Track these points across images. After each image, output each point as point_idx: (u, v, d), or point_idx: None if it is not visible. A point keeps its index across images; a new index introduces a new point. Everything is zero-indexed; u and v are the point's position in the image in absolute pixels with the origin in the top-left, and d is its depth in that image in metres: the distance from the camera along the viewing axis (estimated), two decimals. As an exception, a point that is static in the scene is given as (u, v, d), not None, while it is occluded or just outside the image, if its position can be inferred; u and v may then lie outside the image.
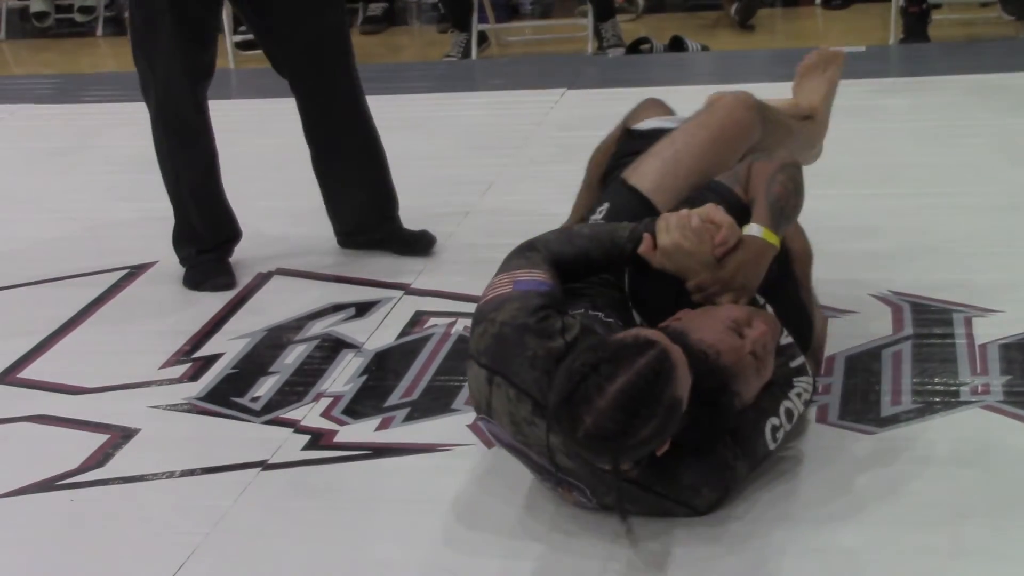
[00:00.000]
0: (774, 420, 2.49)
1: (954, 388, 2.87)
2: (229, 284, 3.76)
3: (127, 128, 5.62)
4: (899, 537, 2.39)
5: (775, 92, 5.36)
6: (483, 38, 6.69)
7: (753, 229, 2.55)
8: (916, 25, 6.03)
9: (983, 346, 3.04)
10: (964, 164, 4.28)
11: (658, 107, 3.25)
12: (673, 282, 2.52)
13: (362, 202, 3.91)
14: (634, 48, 6.51)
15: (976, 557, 2.34)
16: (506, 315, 2.46)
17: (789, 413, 2.52)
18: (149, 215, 4.42)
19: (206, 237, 3.82)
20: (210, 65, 3.72)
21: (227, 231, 3.87)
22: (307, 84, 3.75)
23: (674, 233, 2.50)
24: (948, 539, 2.38)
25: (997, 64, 5.49)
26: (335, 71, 3.74)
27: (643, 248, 2.53)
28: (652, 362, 2.23)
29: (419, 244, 3.90)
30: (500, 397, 2.44)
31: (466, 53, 6.57)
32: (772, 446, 2.50)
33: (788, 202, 2.62)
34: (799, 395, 2.54)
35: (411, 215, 3.96)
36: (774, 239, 2.56)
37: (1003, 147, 4.44)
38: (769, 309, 2.57)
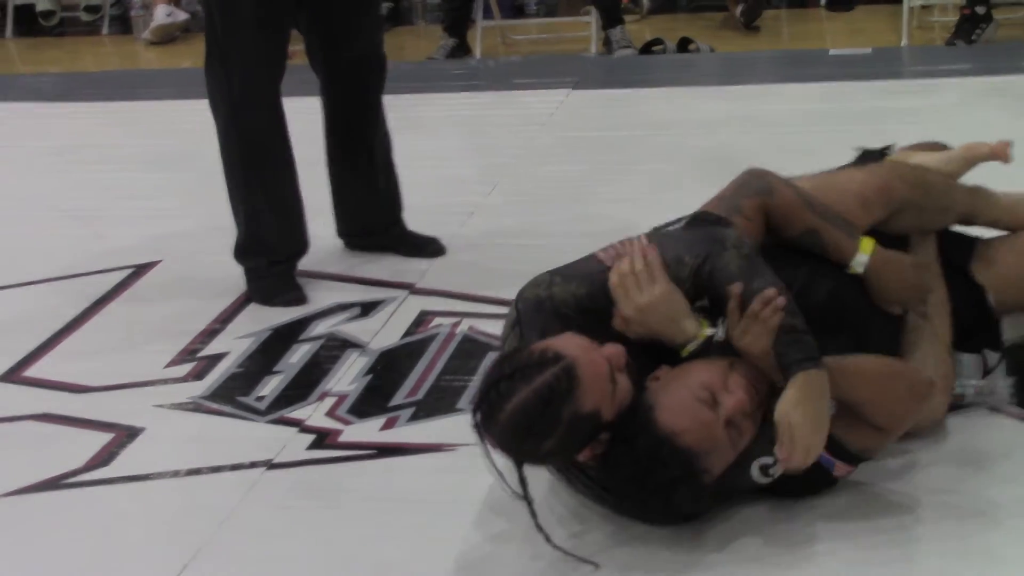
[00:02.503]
0: (765, 459, 2.37)
1: (957, 389, 2.85)
2: (301, 299, 3.64)
3: (131, 127, 5.64)
4: (900, 538, 2.39)
5: (780, 92, 5.40)
6: (466, 49, 6.68)
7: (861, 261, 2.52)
8: (964, 26, 6.00)
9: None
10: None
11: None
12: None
13: (371, 205, 3.88)
14: (647, 49, 6.50)
15: (977, 558, 2.33)
16: (561, 292, 2.44)
17: None
18: (153, 214, 4.44)
19: (279, 248, 3.71)
20: (284, 62, 3.64)
21: (301, 243, 3.75)
22: (343, 88, 3.73)
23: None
24: (950, 540, 2.37)
25: (1006, 66, 5.48)
26: (373, 82, 3.76)
27: (617, 325, 2.41)
28: (550, 380, 2.24)
29: (428, 249, 3.88)
30: (511, 344, 2.47)
31: (450, 56, 6.58)
32: (762, 481, 2.40)
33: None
34: None
35: (416, 215, 3.95)
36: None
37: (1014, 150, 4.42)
38: None
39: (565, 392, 2.23)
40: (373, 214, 3.91)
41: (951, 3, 6.37)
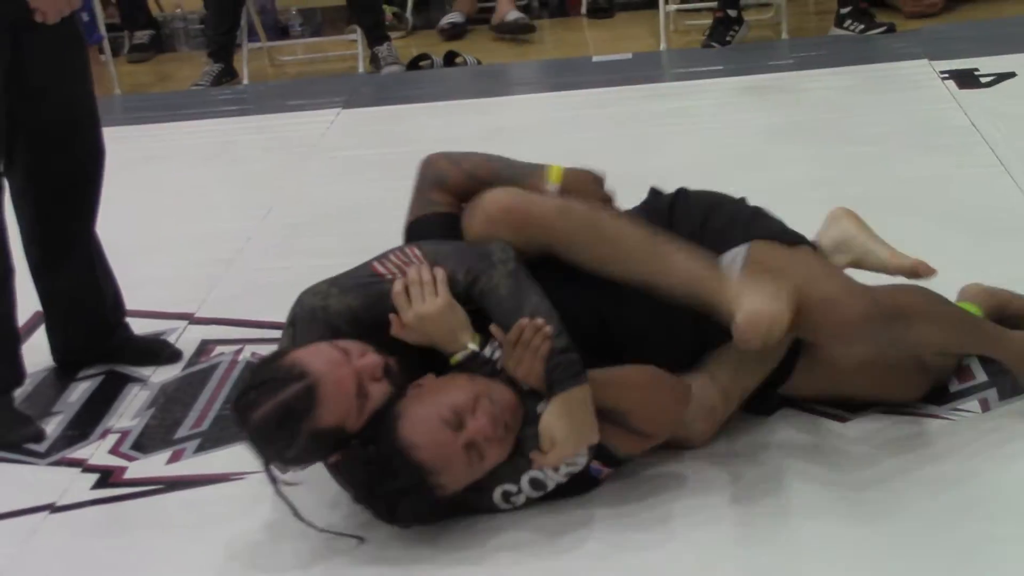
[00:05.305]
0: (508, 487, 2.47)
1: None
2: (40, 434, 3.07)
3: None
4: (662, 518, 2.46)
5: (547, 100, 5.49)
6: (232, 74, 6.60)
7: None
8: (719, 28, 6.15)
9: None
10: (738, 156, 4.41)
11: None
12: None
13: (95, 314, 3.34)
14: (414, 65, 6.52)
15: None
16: (337, 304, 2.49)
17: (537, 483, 2.47)
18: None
19: None
20: None
21: (18, 372, 3.16)
22: (45, 167, 3.13)
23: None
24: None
25: (759, 65, 5.67)
26: (83, 149, 3.18)
27: (395, 330, 2.47)
28: (291, 399, 2.34)
29: (162, 354, 3.41)
30: (284, 343, 2.58)
31: (216, 82, 6.48)
32: (503, 507, 2.50)
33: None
34: (556, 469, 2.46)
35: (192, 244, 3.90)
36: None
37: (768, 143, 4.59)
38: None
39: (303, 411, 2.34)
40: (93, 325, 3.35)
41: (705, 7, 6.55)
